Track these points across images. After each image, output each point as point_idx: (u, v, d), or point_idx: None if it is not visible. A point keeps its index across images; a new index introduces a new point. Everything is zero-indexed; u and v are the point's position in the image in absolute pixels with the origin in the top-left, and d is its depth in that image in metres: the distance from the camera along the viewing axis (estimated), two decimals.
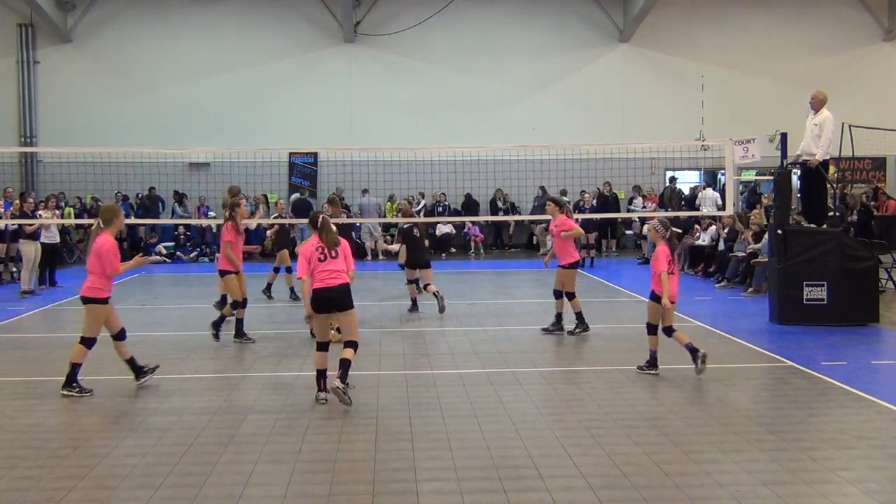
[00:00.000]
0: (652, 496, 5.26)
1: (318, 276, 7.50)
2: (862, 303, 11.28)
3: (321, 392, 7.57)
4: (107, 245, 7.89)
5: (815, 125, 11.76)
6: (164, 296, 16.04)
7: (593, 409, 7.31)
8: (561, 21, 25.26)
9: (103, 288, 7.94)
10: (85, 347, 7.99)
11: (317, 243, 7.60)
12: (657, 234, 8.59)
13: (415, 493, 5.38)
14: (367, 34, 24.67)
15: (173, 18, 24.78)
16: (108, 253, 7.84)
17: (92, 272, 7.92)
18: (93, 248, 7.97)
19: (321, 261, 7.52)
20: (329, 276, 7.49)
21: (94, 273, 7.90)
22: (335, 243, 7.61)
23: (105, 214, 8.08)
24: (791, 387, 8.06)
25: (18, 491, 5.47)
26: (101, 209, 8.37)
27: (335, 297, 7.48)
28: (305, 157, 24.44)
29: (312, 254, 7.54)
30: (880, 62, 25.52)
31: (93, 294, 7.92)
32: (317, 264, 7.52)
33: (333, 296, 7.47)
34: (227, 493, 5.39)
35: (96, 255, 7.87)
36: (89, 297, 7.94)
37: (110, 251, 7.87)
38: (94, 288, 7.91)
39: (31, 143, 24.02)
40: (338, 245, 7.63)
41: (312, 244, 7.63)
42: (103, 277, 7.91)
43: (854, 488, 5.43)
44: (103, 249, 7.84)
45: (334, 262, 7.55)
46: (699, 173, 25.18)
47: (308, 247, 7.64)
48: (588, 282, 16.90)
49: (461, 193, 23.87)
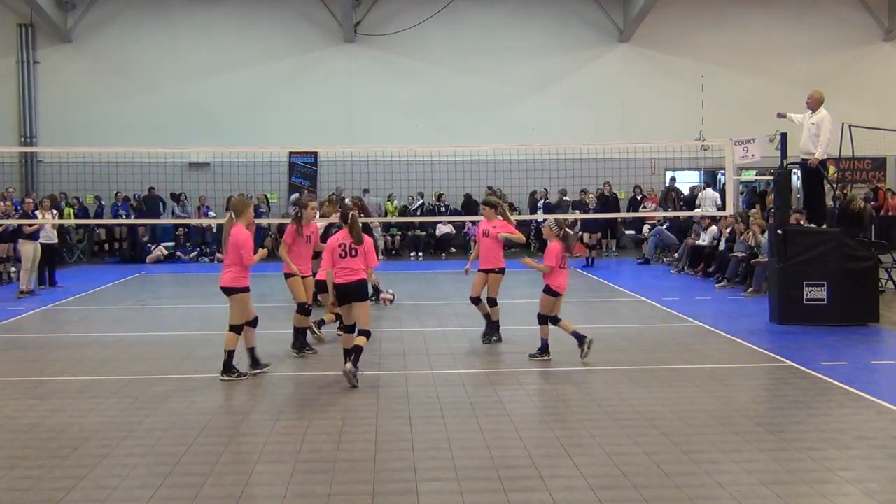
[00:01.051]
0: (652, 496, 5.26)
1: (338, 271, 8.13)
2: (862, 303, 11.27)
3: (347, 364, 8.06)
4: (242, 236, 8.30)
5: (813, 124, 11.77)
6: (164, 296, 16.04)
7: (593, 409, 7.31)
8: (561, 21, 25.26)
9: (244, 277, 8.36)
10: (235, 334, 8.40)
11: (341, 239, 8.18)
12: (551, 232, 9.12)
13: (415, 493, 5.38)
14: (367, 34, 24.67)
15: (173, 18, 24.79)
16: (244, 244, 8.25)
17: (232, 264, 8.31)
18: (230, 242, 8.29)
19: (342, 257, 8.13)
20: (347, 272, 8.11)
21: (234, 265, 8.30)
22: (359, 240, 8.15)
23: (237, 207, 8.47)
24: (791, 387, 8.06)
25: (18, 491, 5.47)
26: (232, 202, 8.71)
27: (352, 291, 8.14)
28: (305, 156, 24.44)
29: (335, 249, 8.16)
30: (880, 62, 25.53)
31: (237, 284, 8.32)
32: (338, 259, 8.14)
33: (350, 290, 8.13)
34: (227, 493, 5.39)
35: (234, 247, 8.24)
36: (234, 288, 8.33)
37: (247, 242, 8.28)
38: (236, 278, 8.32)
39: (31, 143, 24.02)
40: (361, 243, 8.16)
41: (337, 239, 8.22)
42: (242, 268, 8.30)
43: (854, 488, 5.43)
44: (240, 240, 8.24)
45: (353, 261, 8.13)
46: (699, 173, 25.19)
47: (333, 241, 8.25)
48: (588, 282, 16.91)
49: (461, 193, 23.88)
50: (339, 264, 8.12)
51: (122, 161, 21.69)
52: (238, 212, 8.40)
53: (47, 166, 23.51)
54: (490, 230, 10.12)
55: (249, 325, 8.52)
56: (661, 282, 16.71)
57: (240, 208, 8.44)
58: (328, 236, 14.67)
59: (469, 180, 22.60)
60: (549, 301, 9.10)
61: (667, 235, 20.39)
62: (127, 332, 11.45)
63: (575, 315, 12.89)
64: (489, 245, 10.14)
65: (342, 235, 8.20)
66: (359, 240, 8.15)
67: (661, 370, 8.72)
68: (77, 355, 9.85)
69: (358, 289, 8.15)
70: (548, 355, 9.17)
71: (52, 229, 16.33)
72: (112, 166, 21.28)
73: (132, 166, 22.24)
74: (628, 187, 23.77)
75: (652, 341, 10.39)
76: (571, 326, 9.18)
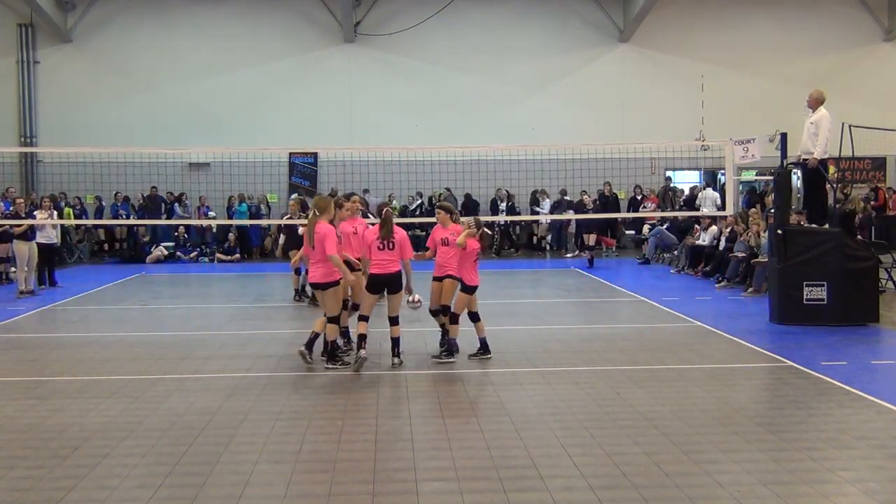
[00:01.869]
0: (652, 496, 5.26)
1: (375, 262, 8.85)
2: (862, 303, 11.27)
3: (361, 351, 8.69)
4: (327, 230, 8.69)
5: (812, 123, 11.77)
6: (164, 296, 16.03)
7: (593, 409, 7.31)
8: (561, 21, 25.25)
9: (334, 271, 8.73)
10: (335, 325, 8.96)
11: (377, 233, 8.89)
12: (469, 230, 9.27)
13: (415, 493, 5.38)
14: (367, 34, 24.67)
15: (173, 18, 24.78)
16: (329, 238, 8.63)
17: (321, 260, 8.69)
18: (316, 238, 8.64)
19: (380, 249, 8.85)
20: (384, 263, 8.84)
21: (322, 260, 8.68)
22: (390, 235, 8.82)
23: (319, 203, 8.96)
24: (791, 387, 8.06)
25: (18, 491, 5.47)
26: (315, 200, 9.26)
27: (388, 281, 8.89)
28: (305, 157, 24.44)
29: (373, 242, 8.89)
30: (880, 62, 25.52)
31: (329, 279, 8.75)
32: (376, 252, 8.86)
33: (387, 280, 8.88)
34: (227, 493, 5.39)
35: (321, 243, 8.60)
36: (327, 283, 8.79)
37: (330, 236, 8.66)
38: (328, 273, 8.73)
39: (31, 143, 24.02)
40: (393, 237, 8.84)
41: (374, 233, 8.95)
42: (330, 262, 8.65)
43: (854, 488, 5.43)
44: (325, 234, 8.62)
45: (390, 253, 8.85)
46: (699, 173, 25.19)
47: (370, 235, 9.02)
48: (588, 282, 16.92)
49: (461, 193, 23.87)
50: (376, 256, 8.81)
51: (122, 161, 21.69)
52: (321, 209, 8.83)
53: (47, 166, 23.51)
54: (449, 238, 9.36)
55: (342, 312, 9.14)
56: (661, 282, 16.72)
57: (322, 205, 8.90)
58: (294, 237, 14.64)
59: (469, 180, 22.61)
60: (466, 298, 9.32)
61: (667, 235, 20.40)
62: (127, 332, 11.44)
63: (575, 315, 12.95)
64: (448, 254, 9.36)
65: (377, 230, 8.90)
66: (387, 235, 8.81)
67: (661, 370, 8.72)
68: (77, 355, 9.84)
69: (393, 280, 8.84)
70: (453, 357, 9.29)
71: (53, 229, 16.30)
72: (112, 166, 21.27)
73: (132, 166, 22.24)
74: (628, 187, 23.77)
75: (652, 341, 10.38)
76: (484, 331, 9.43)
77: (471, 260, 9.28)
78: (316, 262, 8.79)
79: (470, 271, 9.29)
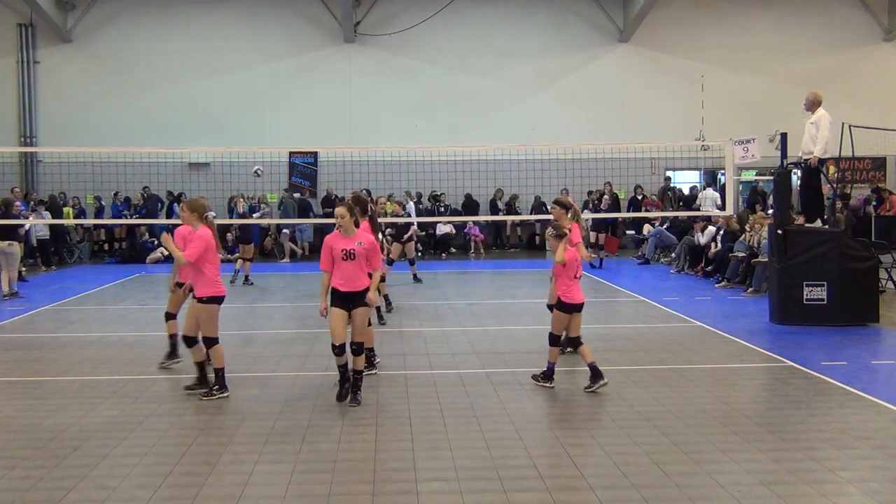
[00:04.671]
0: (652, 496, 5.26)
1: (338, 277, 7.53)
2: (862, 303, 11.27)
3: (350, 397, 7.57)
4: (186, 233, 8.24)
5: (812, 124, 11.78)
6: (164, 296, 15.98)
7: (593, 409, 7.31)
8: (561, 21, 25.25)
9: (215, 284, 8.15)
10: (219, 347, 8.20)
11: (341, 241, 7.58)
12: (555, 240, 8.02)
13: (415, 493, 5.38)
14: (367, 34, 24.67)
15: (173, 18, 24.77)
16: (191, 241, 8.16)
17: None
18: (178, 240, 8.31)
19: (343, 260, 7.50)
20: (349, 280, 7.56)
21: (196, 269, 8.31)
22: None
23: (357, 204, 8.48)
24: (791, 387, 8.06)
25: (18, 491, 5.47)
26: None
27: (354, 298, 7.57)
28: (305, 157, 24.45)
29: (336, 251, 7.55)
30: (880, 62, 25.52)
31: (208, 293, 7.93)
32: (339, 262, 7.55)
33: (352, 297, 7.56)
34: (227, 493, 5.39)
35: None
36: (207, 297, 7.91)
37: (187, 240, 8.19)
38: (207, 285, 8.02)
39: (31, 143, 24.01)
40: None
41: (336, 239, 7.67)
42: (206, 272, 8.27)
43: (854, 488, 5.43)
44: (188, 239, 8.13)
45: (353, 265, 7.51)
46: (699, 173, 25.19)
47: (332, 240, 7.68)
48: (588, 282, 16.90)
49: (461, 193, 23.87)
50: (340, 268, 7.45)
51: (122, 161, 21.68)
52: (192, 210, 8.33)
53: (47, 166, 23.51)
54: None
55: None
56: (661, 282, 16.72)
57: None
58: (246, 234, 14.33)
59: (469, 180, 22.61)
60: (563, 318, 8.05)
61: (667, 236, 20.39)
62: (127, 332, 11.45)
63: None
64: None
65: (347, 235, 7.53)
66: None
67: (661, 370, 8.72)
68: (77, 355, 9.85)
69: (361, 296, 7.51)
70: (551, 383, 8.08)
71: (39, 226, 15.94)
72: (112, 166, 21.27)
73: (132, 166, 22.23)
74: (628, 187, 23.77)
75: (652, 341, 10.38)
76: (591, 356, 7.98)
77: (570, 274, 7.94)
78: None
79: (569, 287, 7.94)
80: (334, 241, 7.53)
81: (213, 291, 7.83)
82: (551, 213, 9.10)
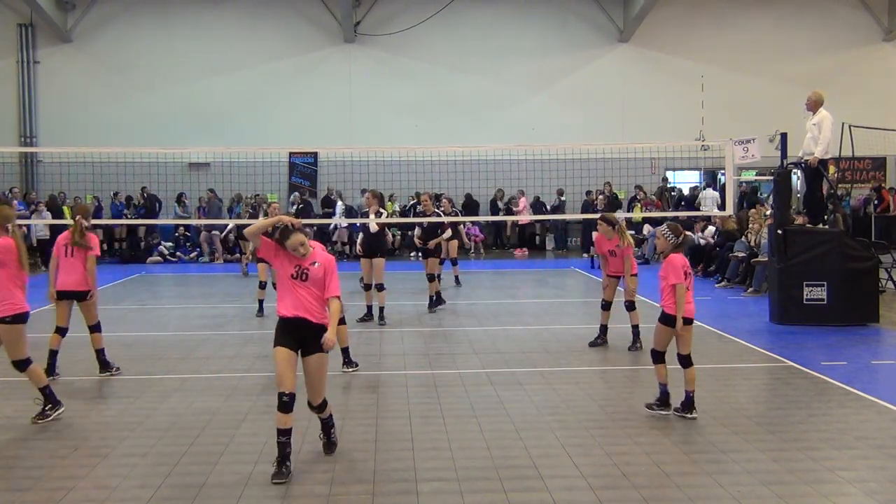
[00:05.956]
0: (652, 496, 5.26)
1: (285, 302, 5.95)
2: (862, 303, 11.27)
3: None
4: None
5: (814, 125, 11.77)
6: (164, 296, 16.03)
7: (593, 409, 7.31)
8: (561, 21, 25.25)
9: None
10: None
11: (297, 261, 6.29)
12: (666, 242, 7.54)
13: (415, 493, 5.38)
14: (367, 34, 24.67)
15: (173, 18, 24.78)
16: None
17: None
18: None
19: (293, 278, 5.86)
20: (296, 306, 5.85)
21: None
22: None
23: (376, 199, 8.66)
24: (791, 387, 8.06)
25: (18, 491, 5.47)
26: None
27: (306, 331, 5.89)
28: (305, 157, 24.44)
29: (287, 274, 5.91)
30: (880, 62, 25.52)
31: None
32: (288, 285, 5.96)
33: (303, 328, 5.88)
34: (227, 493, 5.39)
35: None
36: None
37: None
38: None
39: (31, 143, 24.01)
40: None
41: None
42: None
43: (854, 488, 5.43)
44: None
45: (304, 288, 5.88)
46: (699, 173, 25.19)
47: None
48: (588, 281, 16.91)
49: (461, 193, 23.87)
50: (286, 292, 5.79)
51: (122, 161, 21.66)
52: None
53: (47, 166, 23.50)
54: (615, 250, 9.60)
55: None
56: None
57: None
58: None
59: (469, 180, 22.60)
60: (666, 332, 7.12)
61: None
62: (127, 332, 11.44)
63: (576, 315, 12.93)
64: (618, 264, 9.65)
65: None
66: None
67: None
68: (77, 355, 9.83)
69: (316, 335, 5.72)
70: (668, 409, 7.03)
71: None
72: (112, 166, 21.24)
73: (132, 166, 22.21)
74: (628, 187, 23.77)
75: (652, 341, 10.34)
76: (693, 383, 6.99)
77: (683, 279, 7.09)
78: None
79: (671, 297, 7.05)
80: (284, 253, 5.78)
81: (17, 310, 6.92)
82: (598, 229, 9.76)
